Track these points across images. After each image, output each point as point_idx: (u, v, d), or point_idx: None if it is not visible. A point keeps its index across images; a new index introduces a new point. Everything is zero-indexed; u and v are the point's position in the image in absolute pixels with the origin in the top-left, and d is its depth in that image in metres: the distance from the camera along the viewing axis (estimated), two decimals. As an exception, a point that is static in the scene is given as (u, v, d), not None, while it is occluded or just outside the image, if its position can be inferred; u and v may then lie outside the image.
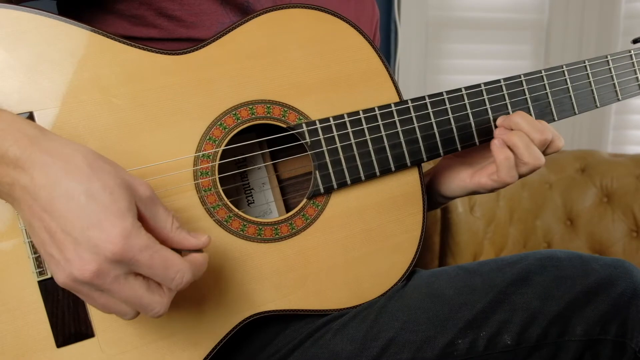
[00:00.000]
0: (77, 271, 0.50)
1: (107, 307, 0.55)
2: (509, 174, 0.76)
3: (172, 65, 0.69)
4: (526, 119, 0.76)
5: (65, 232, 0.51)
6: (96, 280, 0.51)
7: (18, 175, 0.52)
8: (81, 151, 0.53)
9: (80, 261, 0.50)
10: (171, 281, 0.54)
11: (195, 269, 0.56)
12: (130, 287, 0.53)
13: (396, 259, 0.79)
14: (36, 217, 0.52)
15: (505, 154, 0.75)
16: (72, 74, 0.65)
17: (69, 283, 0.52)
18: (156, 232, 0.56)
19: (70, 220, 0.50)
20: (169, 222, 0.56)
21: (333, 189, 0.75)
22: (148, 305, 0.54)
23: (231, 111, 0.71)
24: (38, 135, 0.53)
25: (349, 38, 0.76)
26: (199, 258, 0.58)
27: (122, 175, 0.54)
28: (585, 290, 0.70)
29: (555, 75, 0.84)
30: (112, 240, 0.50)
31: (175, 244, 0.57)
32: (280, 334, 0.78)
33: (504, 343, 0.70)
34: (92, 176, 0.52)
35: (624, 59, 0.89)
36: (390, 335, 0.72)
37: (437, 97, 0.79)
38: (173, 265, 0.53)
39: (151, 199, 0.55)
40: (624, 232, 1.95)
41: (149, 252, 0.52)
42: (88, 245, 0.50)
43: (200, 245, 0.58)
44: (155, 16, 0.74)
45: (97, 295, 0.54)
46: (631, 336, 0.68)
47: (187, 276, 0.55)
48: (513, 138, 0.75)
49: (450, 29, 2.26)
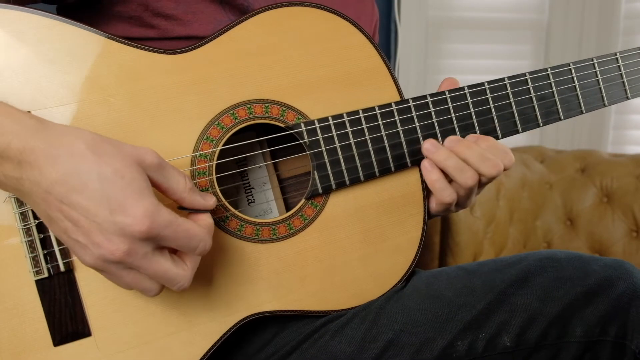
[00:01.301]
0: (108, 253, 0.53)
1: (134, 284, 0.57)
2: (444, 194, 0.76)
3: (170, 64, 0.69)
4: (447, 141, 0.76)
5: (89, 219, 0.53)
6: (127, 259, 0.54)
7: (25, 170, 0.53)
8: (81, 136, 0.54)
9: (110, 244, 0.53)
10: (195, 249, 0.58)
11: (210, 232, 0.61)
12: (157, 261, 0.56)
13: (396, 260, 0.78)
14: (54, 209, 0.54)
15: (435, 176, 0.76)
16: (70, 73, 0.65)
17: (100, 264, 0.55)
18: (170, 193, 0.59)
19: (92, 209, 0.52)
20: (183, 183, 0.59)
21: (332, 189, 0.75)
22: (174, 278, 0.57)
23: (229, 111, 0.71)
24: (37, 126, 0.54)
25: (349, 36, 0.76)
26: (209, 220, 0.62)
27: (127, 151, 0.55)
28: (585, 291, 0.70)
29: (562, 74, 0.82)
30: (138, 221, 0.53)
31: (187, 204, 0.60)
32: (279, 334, 0.78)
33: (503, 344, 0.70)
34: (99, 162, 0.53)
35: (634, 57, 0.87)
36: (389, 336, 0.72)
37: (439, 96, 0.78)
38: (195, 235, 0.57)
39: (159, 164, 0.57)
40: (624, 232, 1.95)
41: (173, 226, 0.55)
42: (115, 229, 0.53)
43: (210, 205, 0.62)
44: (152, 16, 0.74)
45: (125, 274, 0.56)
46: (631, 337, 0.68)
47: (208, 242, 0.59)
48: (441, 160, 0.75)
49: (450, 29, 2.26)
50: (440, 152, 0.75)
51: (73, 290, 0.66)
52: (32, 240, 0.64)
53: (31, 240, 0.64)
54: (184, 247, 0.57)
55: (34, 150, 0.52)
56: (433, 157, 0.76)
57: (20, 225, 0.63)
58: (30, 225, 0.63)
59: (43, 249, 0.64)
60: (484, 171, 0.75)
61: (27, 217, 0.63)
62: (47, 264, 0.64)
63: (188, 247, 0.57)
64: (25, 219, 0.63)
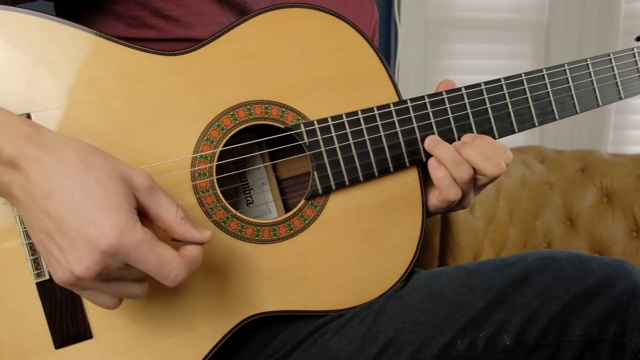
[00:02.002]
0: (77, 269, 0.51)
1: (119, 294, 0.55)
2: (449, 191, 0.76)
3: (169, 65, 0.69)
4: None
5: (62, 232, 0.51)
6: (100, 275, 0.51)
7: (15, 175, 0.52)
8: (74, 146, 0.53)
9: (79, 260, 0.50)
10: (165, 278, 0.53)
11: (191, 264, 0.56)
12: (135, 271, 0.53)
13: (395, 260, 0.79)
14: (35, 217, 0.52)
15: (442, 173, 0.76)
16: (69, 75, 0.65)
17: (72, 281, 0.52)
18: (159, 221, 0.56)
19: (66, 220, 0.50)
20: (173, 212, 0.56)
21: (331, 189, 0.75)
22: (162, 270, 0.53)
23: (229, 112, 0.71)
24: (32, 132, 0.53)
25: (347, 37, 0.76)
26: (195, 252, 0.57)
27: (118, 167, 0.53)
28: (584, 290, 0.70)
29: (557, 74, 0.83)
30: (106, 234, 0.50)
31: (177, 235, 0.57)
32: (279, 334, 0.78)
33: (503, 343, 0.70)
34: (85, 171, 0.51)
35: (627, 57, 0.88)
36: (389, 335, 0.72)
37: (436, 97, 0.78)
38: (168, 263, 0.53)
39: (151, 188, 0.55)
40: (624, 232, 1.95)
41: (144, 247, 0.51)
42: (84, 243, 0.50)
43: (204, 240, 0.57)
44: (151, 17, 0.74)
45: (106, 286, 0.54)
46: (630, 336, 0.68)
47: (182, 273, 0.54)
48: (439, 154, 0.76)
49: (450, 29, 2.26)
50: (440, 145, 0.76)
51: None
52: (32, 242, 0.64)
53: (32, 243, 0.64)
54: (152, 272, 0.53)
55: (25, 157, 0.51)
56: (433, 151, 0.77)
57: (21, 227, 0.63)
58: (31, 227, 0.63)
59: (44, 251, 0.64)
60: (487, 171, 0.75)
61: (27, 219, 0.63)
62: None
63: (158, 274, 0.53)
64: (26, 221, 0.63)
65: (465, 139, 0.78)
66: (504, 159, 0.76)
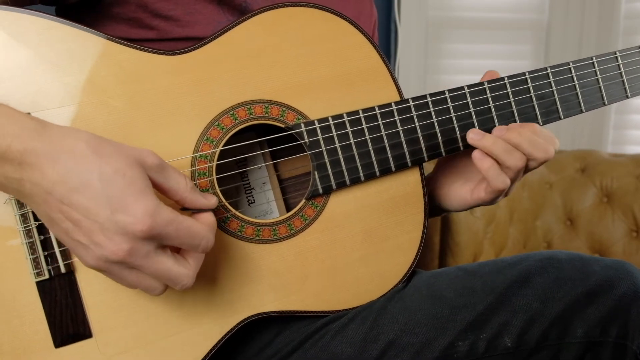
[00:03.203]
0: (110, 253, 0.53)
1: (137, 283, 0.57)
2: (498, 180, 0.76)
3: (169, 65, 0.68)
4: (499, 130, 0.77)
5: (91, 219, 0.53)
6: (129, 258, 0.54)
7: (26, 172, 0.53)
8: (82, 138, 0.54)
9: (112, 243, 0.53)
10: (197, 247, 0.58)
11: (213, 230, 0.61)
12: (160, 261, 0.56)
13: (396, 260, 0.78)
14: (55, 210, 0.54)
15: (488, 163, 0.75)
16: (69, 75, 0.65)
17: (101, 264, 0.55)
18: (171, 193, 0.59)
19: (92, 209, 0.52)
20: (183, 183, 0.59)
21: (332, 189, 0.75)
22: (177, 277, 0.57)
23: (229, 111, 0.71)
24: (38, 127, 0.54)
25: (349, 36, 0.76)
26: (210, 218, 0.61)
27: (127, 152, 0.55)
28: (585, 292, 0.70)
29: (562, 73, 0.82)
30: (139, 220, 0.53)
31: (189, 204, 0.60)
32: (280, 335, 0.78)
33: (504, 345, 0.70)
34: (100, 162, 0.53)
35: (633, 55, 0.87)
36: (390, 337, 0.72)
37: (439, 96, 0.78)
38: (197, 233, 0.57)
39: (160, 165, 0.57)
40: (624, 232, 1.95)
41: (174, 224, 0.55)
42: (117, 228, 0.53)
43: (211, 204, 0.62)
44: (151, 18, 0.74)
45: (127, 273, 0.56)
46: (632, 338, 0.68)
47: (211, 240, 0.59)
48: (488, 145, 0.75)
49: (450, 29, 2.26)
50: (486, 138, 0.76)
51: (74, 292, 0.66)
52: (32, 241, 0.64)
53: (32, 242, 0.63)
54: (186, 244, 0.57)
55: (34, 152, 0.52)
56: (480, 144, 0.76)
57: (21, 227, 0.63)
58: (31, 226, 0.63)
59: (44, 251, 0.64)
60: (537, 155, 0.75)
61: (27, 218, 0.63)
62: (47, 266, 0.64)
63: (190, 244, 0.57)
64: (25, 221, 0.63)
65: (514, 126, 0.78)
66: (551, 144, 0.76)
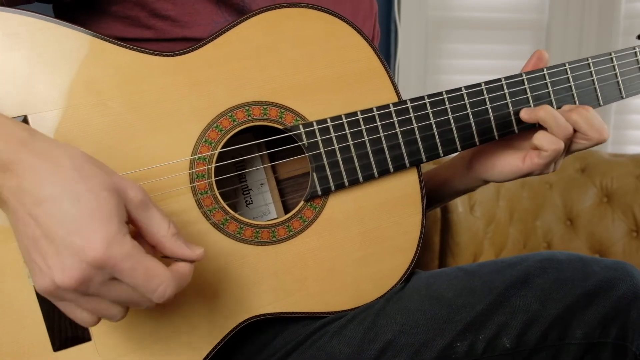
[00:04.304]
0: (59, 278, 0.49)
1: (96, 311, 0.53)
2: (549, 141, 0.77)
3: (167, 66, 0.68)
4: None
5: (49, 239, 0.50)
6: (81, 286, 0.50)
7: (7, 179, 0.51)
8: (69, 153, 0.52)
9: (62, 268, 0.49)
10: (153, 292, 0.52)
11: (180, 281, 0.54)
12: (119, 286, 0.52)
13: (395, 261, 0.78)
14: (21, 222, 0.51)
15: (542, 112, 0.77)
16: (66, 77, 0.65)
17: (52, 290, 0.51)
18: (149, 236, 0.55)
19: (52, 227, 0.49)
20: (164, 228, 0.55)
21: (331, 190, 0.75)
22: (143, 295, 0.52)
23: (227, 113, 0.71)
24: (28, 137, 0.53)
25: (347, 37, 0.76)
26: (185, 268, 0.55)
27: (111, 178, 0.53)
28: (585, 292, 0.70)
29: (558, 74, 0.83)
30: (93, 246, 0.49)
31: (168, 251, 0.55)
32: (278, 336, 0.78)
33: (503, 346, 0.70)
34: (77, 179, 0.50)
35: (628, 56, 0.87)
36: (388, 337, 0.72)
37: (436, 97, 0.78)
38: (156, 277, 0.52)
39: (143, 202, 0.54)
40: (624, 232, 1.95)
41: (132, 261, 0.50)
42: (70, 252, 0.49)
43: (195, 257, 0.56)
44: (149, 17, 0.74)
45: (84, 301, 0.52)
46: (632, 339, 0.68)
47: (170, 289, 0.53)
48: (542, 115, 0.77)
49: (450, 29, 2.26)
50: (537, 108, 0.78)
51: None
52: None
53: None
54: (140, 286, 0.51)
55: (19, 161, 0.51)
56: (534, 116, 0.78)
57: (19, 229, 0.63)
58: (29, 229, 0.63)
59: (41, 253, 0.64)
60: (592, 135, 0.77)
61: (25, 221, 0.63)
62: (45, 268, 0.64)
63: (146, 288, 0.51)
64: (23, 223, 0.63)
65: (567, 107, 0.80)
66: (605, 129, 0.78)
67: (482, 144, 0.80)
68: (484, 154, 0.86)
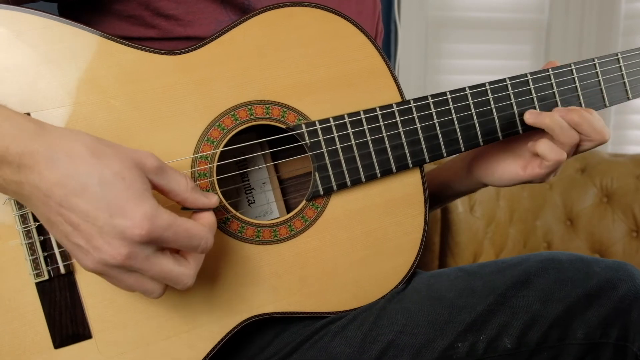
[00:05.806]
0: (109, 257, 0.53)
1: (136, 286, 0.57)
2: (552, 152, 0.78)
3: (170, 65, 0.68)
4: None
5: (90, 222, 0.52)
6: (128, 262, 0.53)
7: (25, 174, 0.53)
8: (80, 140, 0.54)
9: (111, 248, 0.53)
10: (197, 248, 0.58)
11: (213, 230, 0.61)
12: (159, 263, 0.56)
13: (397, 262, 0.78)
14: (54, 213, 0.53)
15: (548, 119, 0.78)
16: (70, 75, 0.65)
17: (100, 268, 0.55)
18: (172, 195, 0.59)
19: (91, 212, 0.52)
20: (184, 184, 0.59)
21: (333, 190, 0.74)
22: (177, 278, 0.57)
23: (230, 112, 0.70)
24: (36, 129, 0.54)
25: (350, 37, 0.76)
26: (211, 217, 0.61)
27: (127, 154, 0.55)
28: (586, 293, 0.70)
29: (563, 74, 0.82)
30: (137, 224, 0.52)
31: (190, 204, 0.60)
32: (279, 336, 0.78)
33: (504, 346, 0.70)
34: (99, 164, 0.53)
35: (635, 57, 0.86)
36: (389, 338, 0.72)
37: (440, 97, 0.78)
38: (196, 234, 0.57)
39: (160, 167, 0.57)
40: (624, 232, 1.95)
41: (173, 228, 0.55)
42: (115, 232, 0.52)
43: (212, 204, 0.62)
44: (152, 16, 0.74)
45: (127, 277, 0.56)
46: (633, 340, 0.68)
47: (210, 240, 0.59)
48: (547, 123, 0.78)
49: (450, 29, 2.26)
50: (543, 115, 0.79)
51: (73, 293, 0.65)
52: (32, 242, 0.63)
53: (31, 243, 0.63)
54: (185, 247, 0.57)
55: (33, 154, 0.52)
56: (538, 122, 0.79)
57: (21, 227, 0.63)
58: (31, 227, 0.63)
59: (43, 252, 0.64)
60: (594, 136, 0.78)
61: (27, 219, 0.63)
62: (47, 267, 0.64)
63: (190, 246, 0.57)
64: (25, 221, 0.63)
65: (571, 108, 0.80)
66: (606, 130, 0.79)
67: (485, 144, 0.80)
68: (484, 158, 0.87)
